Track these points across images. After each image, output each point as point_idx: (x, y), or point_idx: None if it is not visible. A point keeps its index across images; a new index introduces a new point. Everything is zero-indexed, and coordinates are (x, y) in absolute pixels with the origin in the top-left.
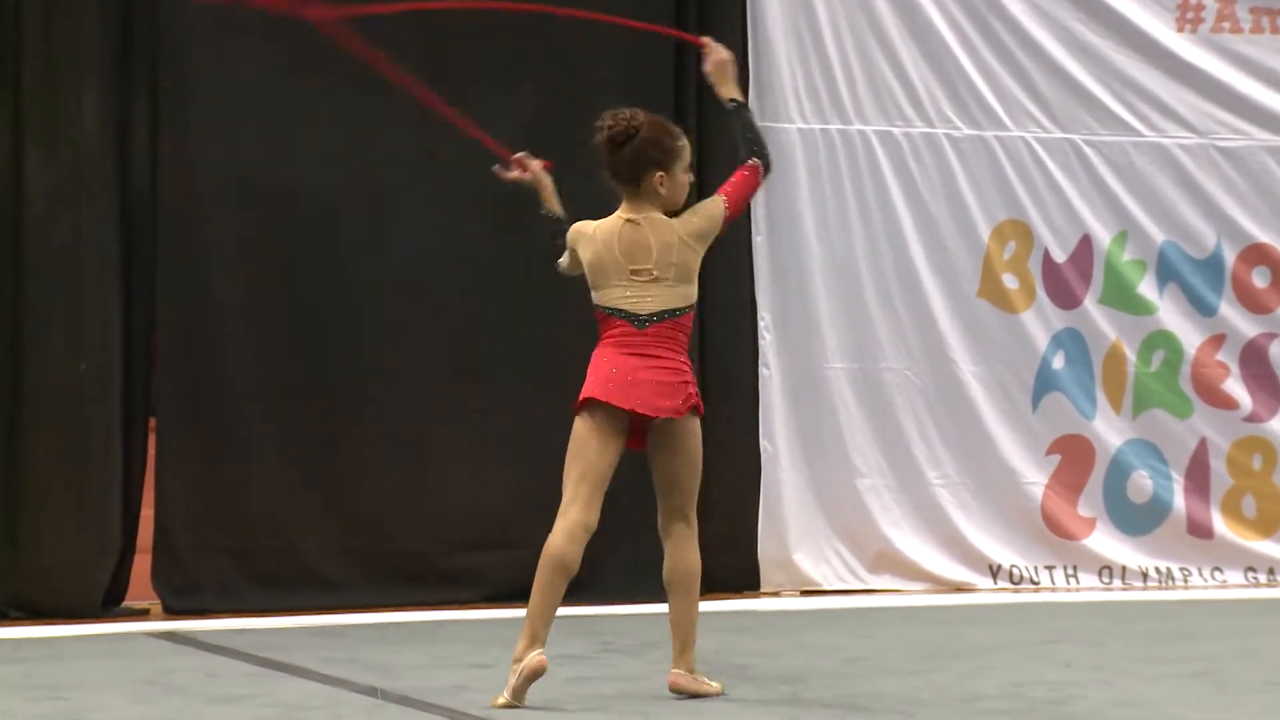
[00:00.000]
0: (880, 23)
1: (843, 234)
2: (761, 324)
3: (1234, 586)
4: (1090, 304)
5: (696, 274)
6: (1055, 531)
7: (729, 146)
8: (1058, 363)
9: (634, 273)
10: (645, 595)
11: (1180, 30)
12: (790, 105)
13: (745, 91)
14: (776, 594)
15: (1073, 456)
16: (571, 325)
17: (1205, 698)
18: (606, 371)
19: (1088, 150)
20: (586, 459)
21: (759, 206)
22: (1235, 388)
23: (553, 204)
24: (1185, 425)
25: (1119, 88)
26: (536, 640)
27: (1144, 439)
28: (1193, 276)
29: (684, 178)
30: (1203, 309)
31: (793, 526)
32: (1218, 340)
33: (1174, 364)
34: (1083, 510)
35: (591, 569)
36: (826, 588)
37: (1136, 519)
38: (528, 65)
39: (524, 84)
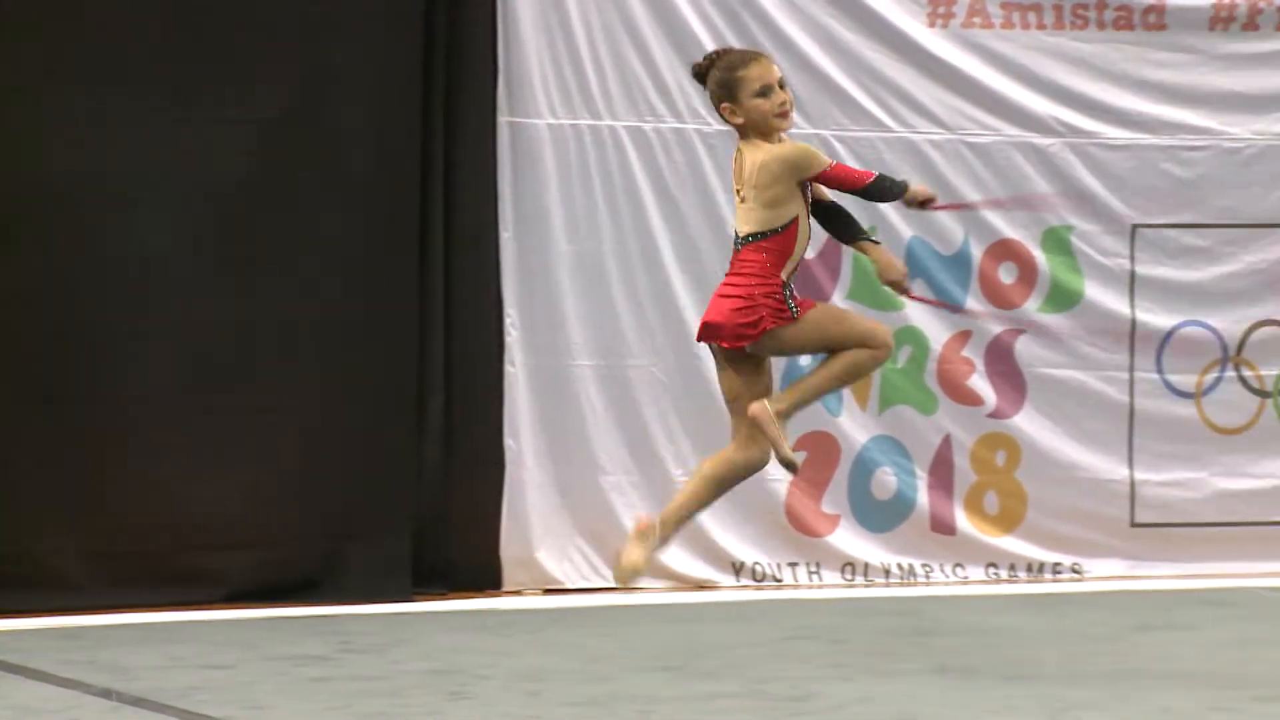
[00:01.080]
0: (632, 17)
1: (591, 230)
2: (507, 320)
3: (975, 583)
4: (838, 300)
5: (785, 200)
6: (798, 529)
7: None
8: (804, 359)
9: (737, 193)
10: (386, 594)
11: (932, 26)
12: (540, 100)
13: (494, 86)
14: (519, 593)
15: (818, 453)
16: (308, 326)
17: (945, 694)
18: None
19: (838, 145)
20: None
21: (506, 202)
22: (980, 384)
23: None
24: (930, 422)
25: (870, 83)
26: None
27: (889, 435)
28: (940, 273)
29: (752, 102)
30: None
31: (536, 525)
32: (964, 336)
33: (920, 360)
34: (826, 507)
35: (330, 567)
36: (569, 586)
37: (880, 516)
38: (273, 59)
39: (268, 79)
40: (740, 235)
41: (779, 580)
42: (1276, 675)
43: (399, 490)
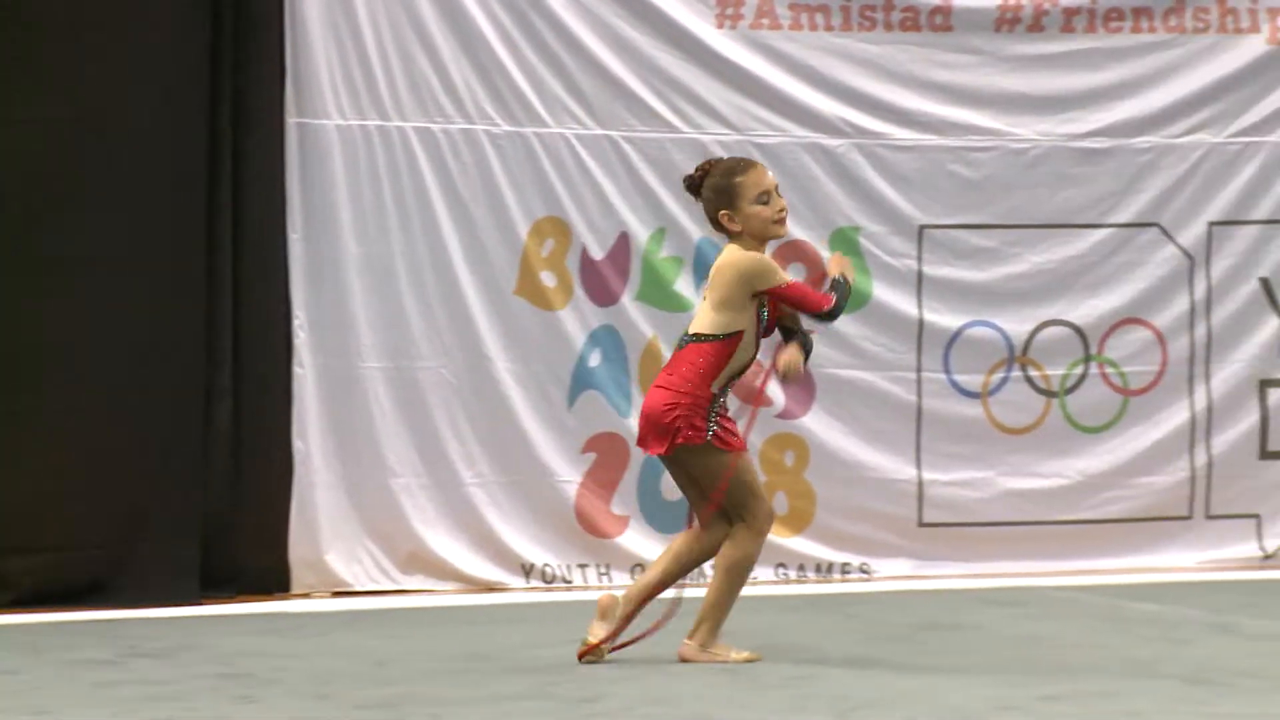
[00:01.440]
0: (420, 18)
1: (380, 231)
2: (295, 322)
3: (765, 583)
4: (628, 301)
5: (735, 309)
6: (588, 530)
7: (268, 156)
8: (594, 360)
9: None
10: (174, 597)
11: (720, 27)
12: (328, 101)
13: (282, 87)
14: (307, 595)
15: (607, 454)
16: (96, 329)
17: (735, 693)
18: None
19: (626, 147)
20: None
21: (294, 204)
22: (770, 385)
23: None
24: None
25: (659, 84)
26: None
27: None
28: None
29: (752, 209)
30: None
31: (325, 527)
32: None
33: None
34: (616, 509)
35: (117, 571)
36: (358, 589)
37: (669, 516)
38: (62, 61)
39: (57, 81)
40: (687, 332)
41: (569, 582)
42: (1063, 673)
43: (187, 493)
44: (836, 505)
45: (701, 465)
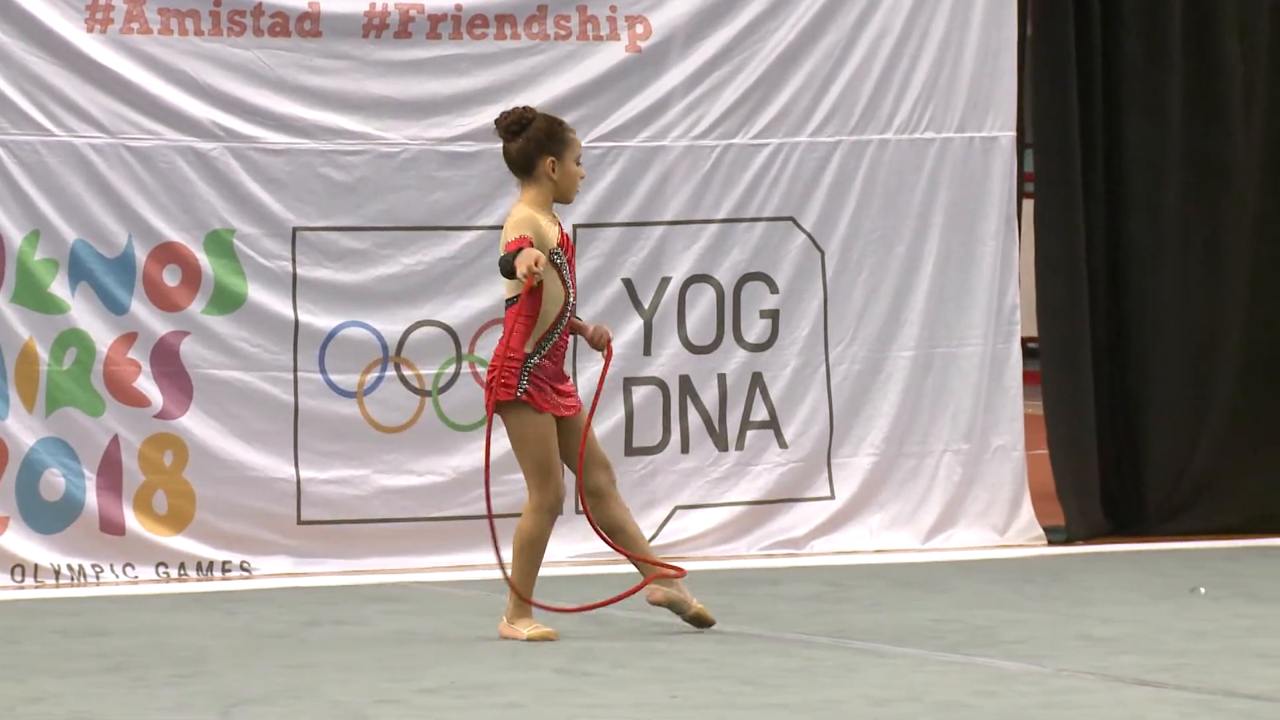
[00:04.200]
0: None
1: None
2: None
3: (146, 582)
4: (3, 303)
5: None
6: None
7: None
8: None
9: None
10: None
11: (90, 30)
12: None
13: None
14: None
15: None
16: None
17: (118, 693)
18: None
19: (0, 151)
20: None
21: None
22: (147, 385)
23: None
24: (98, 423)
25: (29, 87)
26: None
27: (57, 437)
28: (105, 275)
29: (574, 168)
30: (114, 307)
31: None
32: (129, 338)
33: (86, 362)
34: None
35: None
36: None
37: (48, 517)
38: None
39: None
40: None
41: None
42: (442, 667)
43: None
44: (216, 504)
45: (511, 423)
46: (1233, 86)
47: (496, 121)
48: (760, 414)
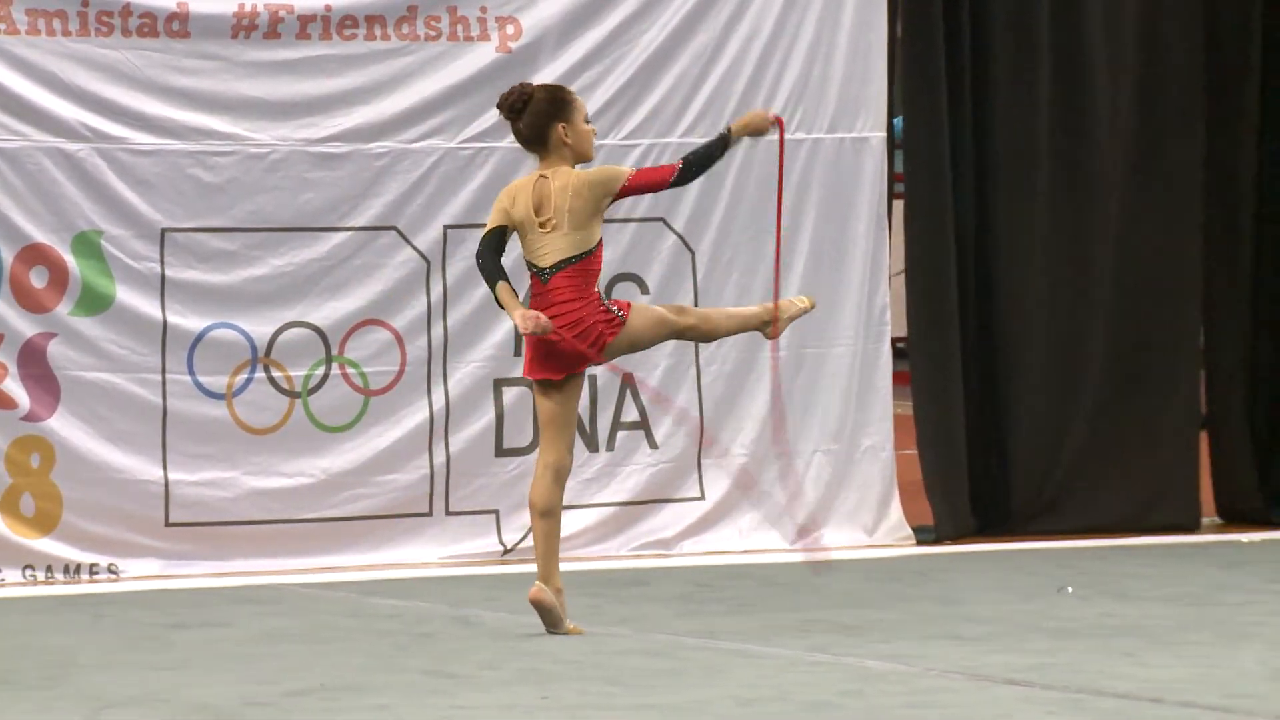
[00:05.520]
0: None
1: None
2: None
3: (13, 585)
4: None
5: (593, 222)
6: None
7: None
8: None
9: (540, 225)
10: None
11: None
12: None
13: None
14: None
15: None
16: None
17: None
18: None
19: None
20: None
21: None
22: (13, 387)
23: None
24: None
25: None
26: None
27: None
28: None
29: (585, 127)
30: None
31: None
32: None
33: None
34: None
35: None
36: None
37: None
38: None
39: None
40: (548, 265)
41: None
42: (311, 669)
43: None
44: (84, 506)
45: (626, 337)
46: (1101, 88)
47: (499, 105)
48: (631, 415)
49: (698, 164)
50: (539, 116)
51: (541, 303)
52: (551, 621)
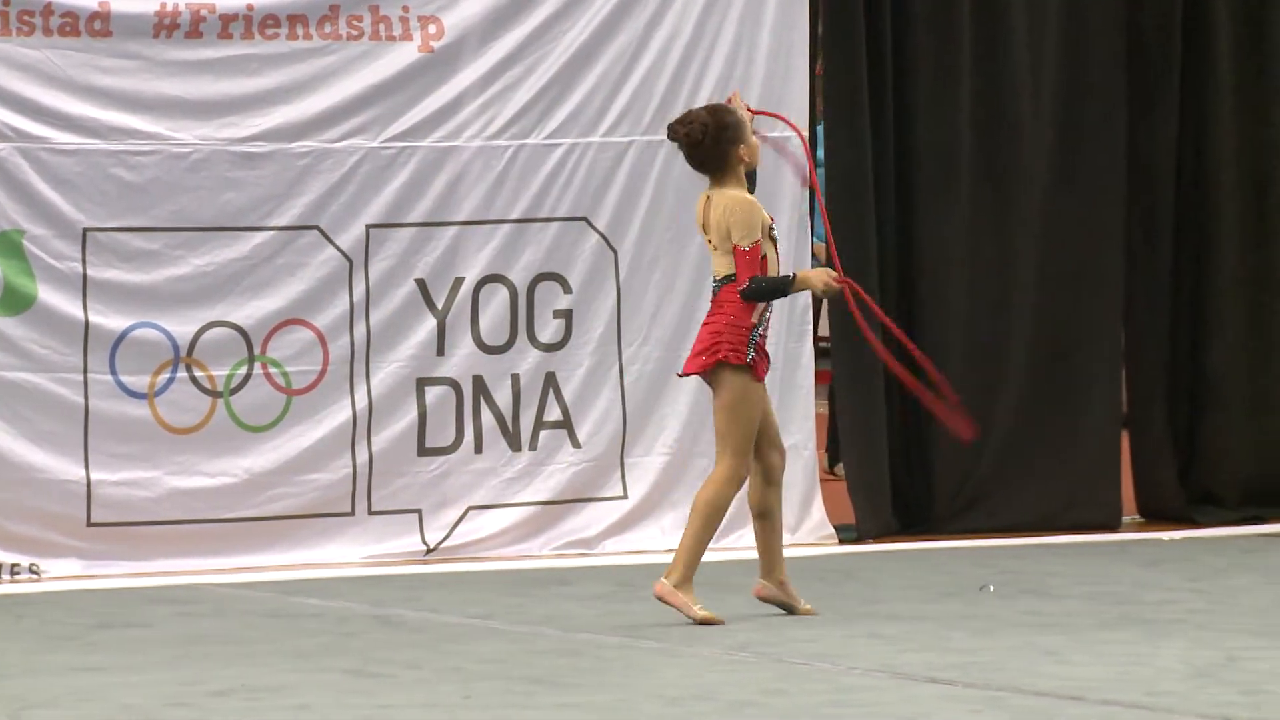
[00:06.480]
0: None
1: None
2: None
3: None
4: None
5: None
6: None
7: None
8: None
9: (709, 243)
10: None
11: None
12: None
13: None
14: None
15: None
16: None
17: None
18: None
19: None
20: None
21: None
22: None
23: None
24: None
25: None
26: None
27: None
28: None
29: (754, 139)
30: None
31: None
32: None
33: None
34: None
35: None
36: None
37: None
38: None
39: None
40: (717, 279)
41: None
42: (233, 669)
43: None
44: (4, 506)
45: (724, 384)
46: (1022, 88)
47: (674, 137)
48: (554, 414)
49: (759, 292)
50: (723, 144)
51: (713, 310)
52: (786, 610)
